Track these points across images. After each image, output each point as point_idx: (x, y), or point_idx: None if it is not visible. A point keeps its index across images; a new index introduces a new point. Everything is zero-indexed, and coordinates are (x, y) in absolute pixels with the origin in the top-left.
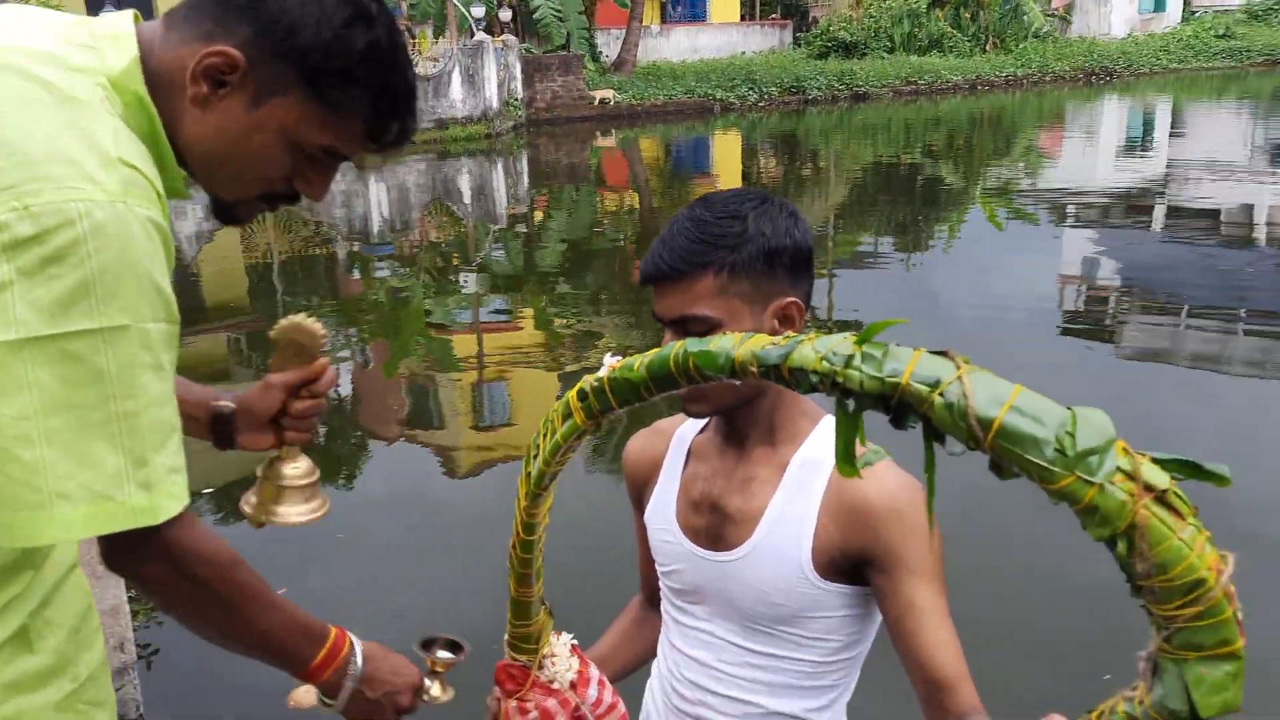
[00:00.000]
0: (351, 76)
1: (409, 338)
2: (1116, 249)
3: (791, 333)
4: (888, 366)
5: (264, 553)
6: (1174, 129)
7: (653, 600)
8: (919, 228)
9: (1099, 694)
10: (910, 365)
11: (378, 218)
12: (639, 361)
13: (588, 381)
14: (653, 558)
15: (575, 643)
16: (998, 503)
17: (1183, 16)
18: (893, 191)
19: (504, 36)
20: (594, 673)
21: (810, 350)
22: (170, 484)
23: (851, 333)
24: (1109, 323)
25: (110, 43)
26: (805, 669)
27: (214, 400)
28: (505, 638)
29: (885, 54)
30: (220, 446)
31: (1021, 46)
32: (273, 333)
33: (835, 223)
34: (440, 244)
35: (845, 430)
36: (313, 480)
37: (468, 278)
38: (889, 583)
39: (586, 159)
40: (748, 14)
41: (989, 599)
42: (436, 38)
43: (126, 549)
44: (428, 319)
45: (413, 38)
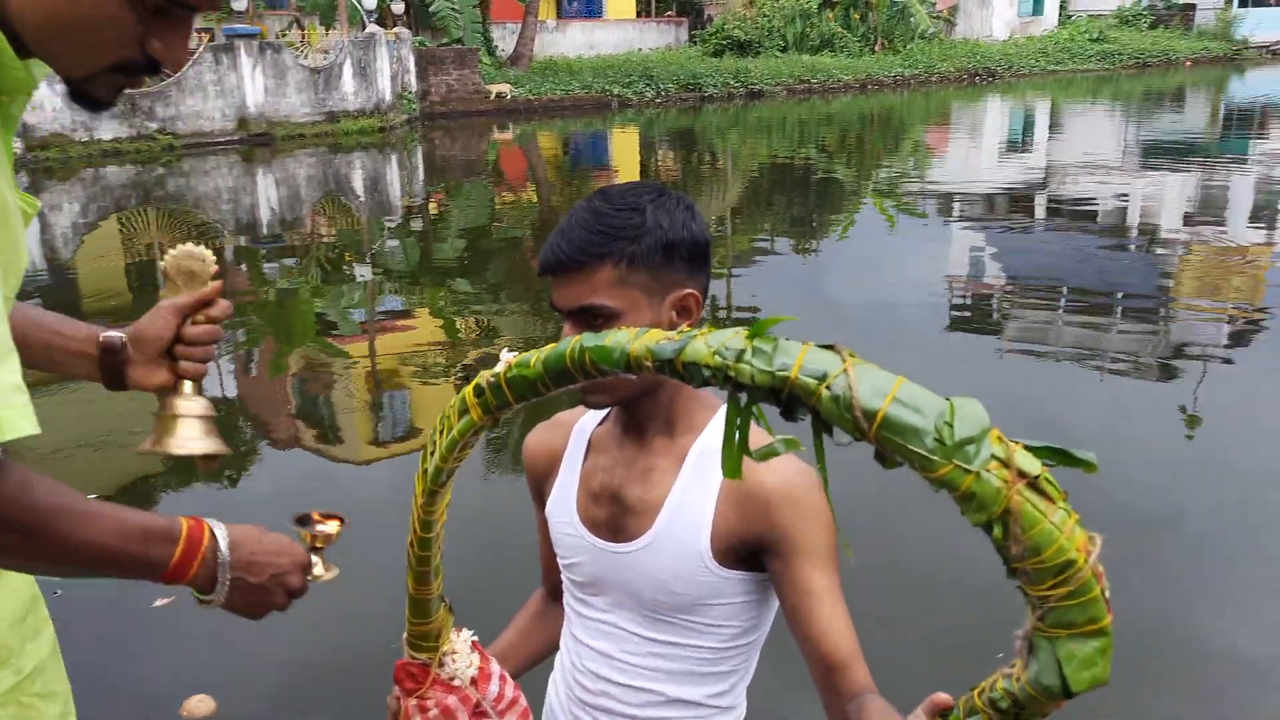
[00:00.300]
0: None
1: (299, 336)
2: (1001, 243)
3: (688, 324)
4: (777, 360)
5: None
6: (1053, 128)
7: (554, 593)
8: (814, 223)
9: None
10: (799, 359)
11: (266, 212)
12: (535, 357)
13: (484, 378)
14: (554, 551)
15: (476, 639)
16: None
17: (1059, 20)
18: (788, 188)
19: (397, 29)
20: (495, 668)
21: (703, 345)
22: (14, 401)
23: (744, 328)
24: (994, 314)
25: None
26: (706, 655)
27: (102, 333)
28: (404, 636)
29: (779, 53)
30: (110, 386)
31: (909, 47)
32: (164, 263)
33: (733, 218)
34: (332, 239)
35: (735, 423)
36: (210, 415)
37: (361, 273)
38: (785, 568)
39: (483, 153)
40: (644, 11)
41: (882, 584)
42: (327, 29)
43: None
44: (319, 316)
45: (301, 29)
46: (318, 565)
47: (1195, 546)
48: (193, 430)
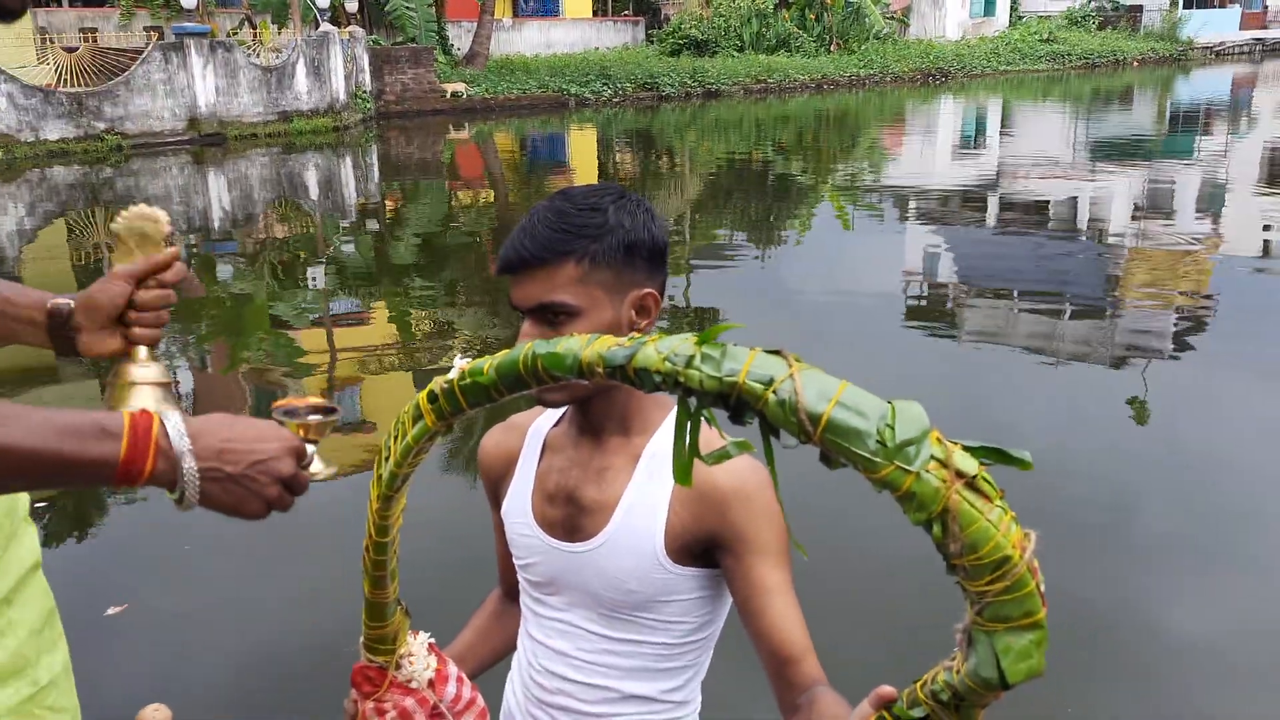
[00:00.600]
0: None
1: (253, 338)
2: (955, 241)
3: (647, 323)
4: (725, 366)
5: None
6: (1004, 127)
7: (511, 594)
8: (771, 222)
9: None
10: (746, 365)
11: (218, 213)
12: (489, 363)
13: (438, 383)
14: (510, 552)
15: (433, 641)
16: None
17: (1010, 21)
18: (746, 187)
19: (351, 28)
20: (452, 670)
21: (653, 351)
22: None
23: (694, 334)
24: (949, 310)
25: None
26: (661, 652)
27: (51, 300)
28: (361, 640)
29: (735, 52)
30: (61, 353)
31: (863, 48)
32: (116, 225)
33: (692, 217)
34: (285, 240)
35: (685, 428)
36: (165, 382)
37: (315, 274)
38: (738, 564)
39: (439, 153)
40: (600, 10)
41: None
42: (279, 28)
43: None
44: (273, 317)
45: (253, 27)
46: (314, 460)
47: (1147, 539)
48: (147, 398)
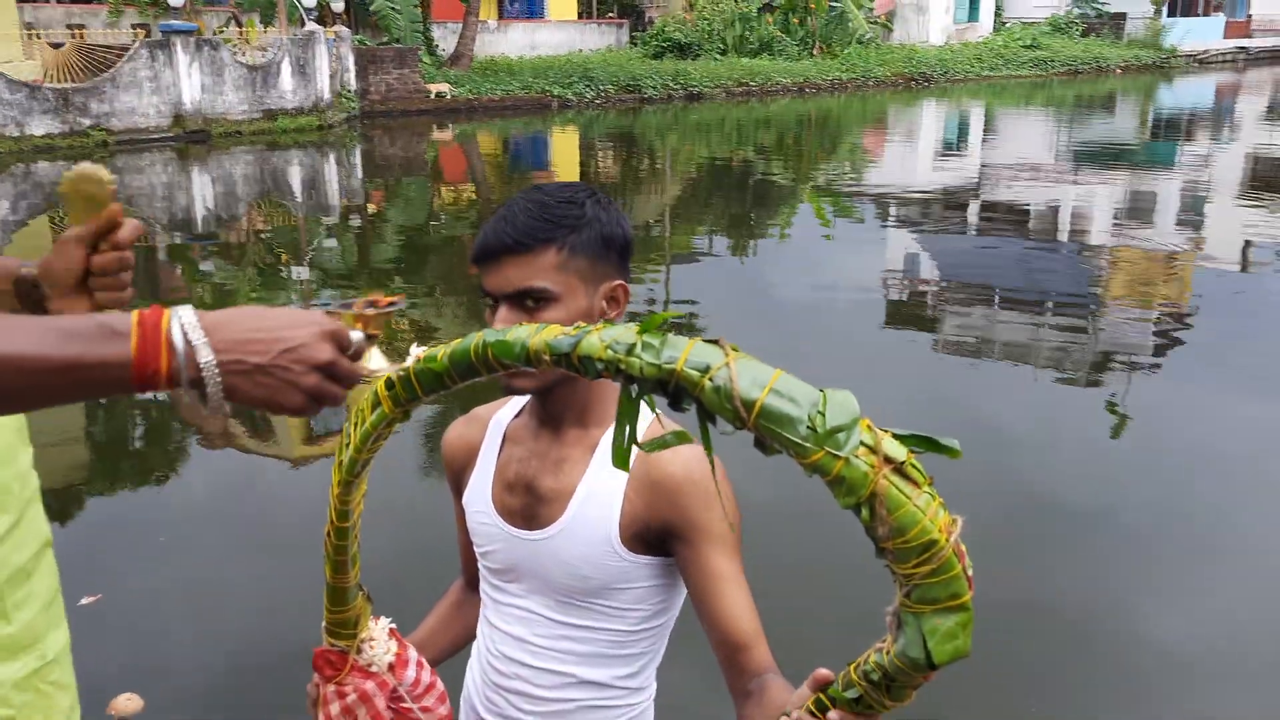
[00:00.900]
0: None
1: None
2: (935, 245)
3: (616, 314)
4: (665, 354)
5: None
6: (986, 133)
7: (472, 583)
8: (751, 224)
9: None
10: (685, 353)
11: (201, 210)
12: (442, 352)
13: (393, 372)
14: (472, 541)
15: (394, 626)
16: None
17: (994, 27)
18: (726, 189)
19: (336, 27)
20: (412, 654)
21: (597, 340)
22: None
23: (635, 324)
24: (928, 314)
25: None
26: (615, 638)
27: (19, 268)
28: (323, 624)
29: (718, 55)
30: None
31: (846, 51)
32: (60, 187)
33: (672, 217)
34: (268, 237)
35: (626, 414)
36: None
37: (298, 271)
38: (690, 552)
39: (423, 153)
40: (585, 12)
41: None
42: (265, 27)
43: None
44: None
45: (239, 26)
46: (373, 355)
47: (1124, 542)
48: None
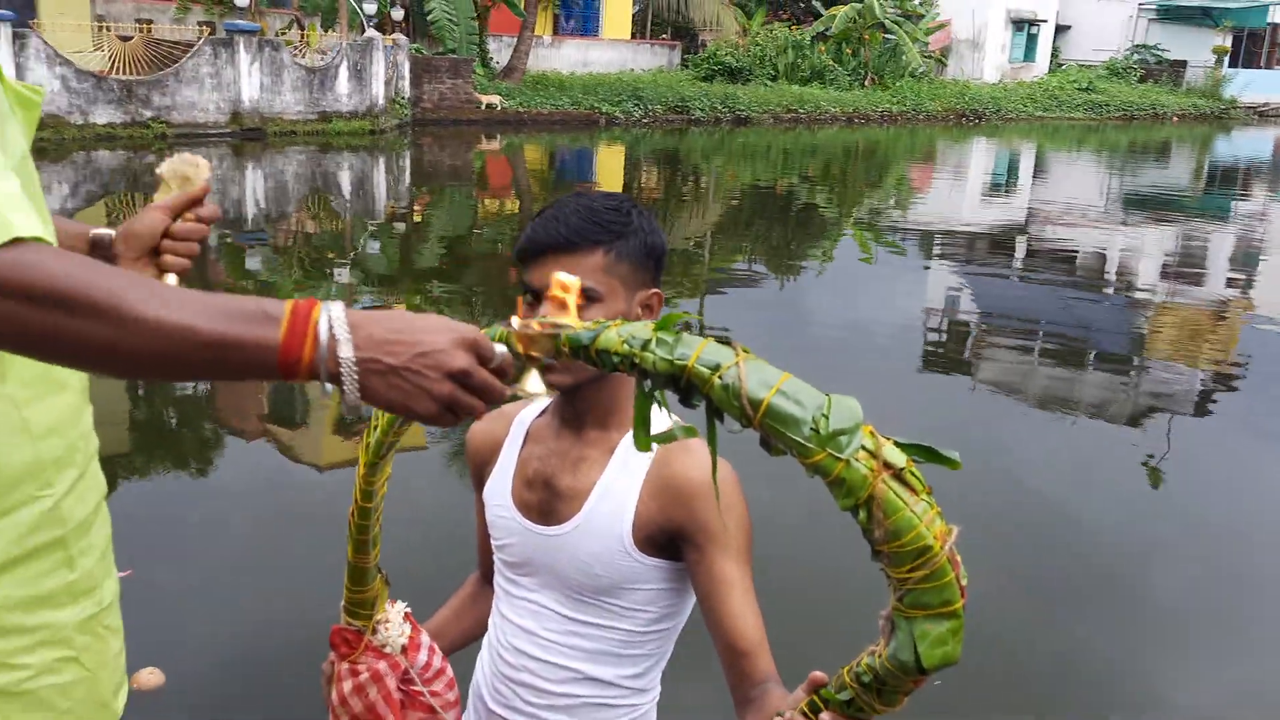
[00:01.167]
0: None
1: None
2: (977, 284)
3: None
4: (678, 351)
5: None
6: (1037, 173)
7: (488, 578)
8: (792, 251)
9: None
10: (697, 351)
11: (252, 206)
12: None
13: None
14: (489, 535)
15: (409, 611)
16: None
17: (1050, 68)
18: (768, 214)
19: (395, 35)
20: (425, 639)
21: (614, 335)
22: (17, 205)
23: (652, 322)
24: (967, 353)
25: None
26: (623, 637)
27: (92, 230)
28: (342, 603)
29: (768, 81)
30: None
31: (898, 84)
32: (160, 169)
33: (713, 240)
34: (315, 236)
35: (641, 406)
36: None
37: (340, 271)
38: (701, 557)
39: (470, 161)
40: (639, 33)
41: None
42: (325, 31)
43: None
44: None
45: (301, 29)
46: (532, 378)
47: (1158, 600)
48: None
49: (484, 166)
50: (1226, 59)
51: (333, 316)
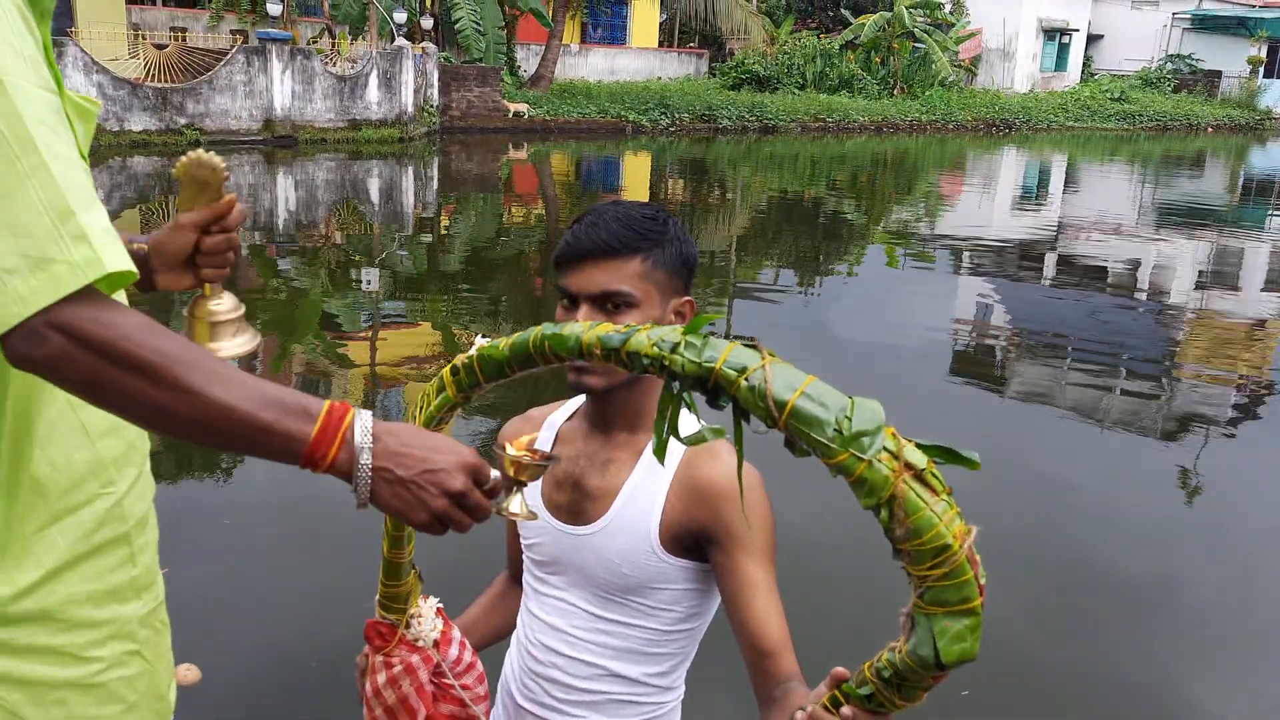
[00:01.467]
0: None
1: (303, 333)
2: (1007, 294)
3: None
4: (706, 354)
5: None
6: (1068, 184)
7: (517, 577)
8: (820, 260)
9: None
10: (724, 354)
11: (283, 212)
12: (504, 342)
13: (459, 359)
14: (519, 535)
15: (441, 606)
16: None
17: (1081, 77)
18: (795, 223)
19: (424, 44)
20: (456, 634)
21: (644, 337)
22: (108, 241)
23: (681, 325)
24: (996, 365)
25: None
26: (649, 636)
27: (129, 242)
28: (376, 597)
29: (796, 90)
30: (141, 289)
31: (927, 93)
32: (175, 170)
33: (739, 248)
34: (343, 242)
35: (667, 410)
36: (239, 314)
37: (369, 277)
38: (725, 558)
39: (497, 169)
40: (666, 41)
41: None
42: (355, 39)
43: (21, 336)
44: (324, 315)
45: (332, 38)
46: (514, 501)
47: (1188, 617)
48: (225, 336)
49: (511, 174)
50: (1261, 69)
51: (361, 424)
